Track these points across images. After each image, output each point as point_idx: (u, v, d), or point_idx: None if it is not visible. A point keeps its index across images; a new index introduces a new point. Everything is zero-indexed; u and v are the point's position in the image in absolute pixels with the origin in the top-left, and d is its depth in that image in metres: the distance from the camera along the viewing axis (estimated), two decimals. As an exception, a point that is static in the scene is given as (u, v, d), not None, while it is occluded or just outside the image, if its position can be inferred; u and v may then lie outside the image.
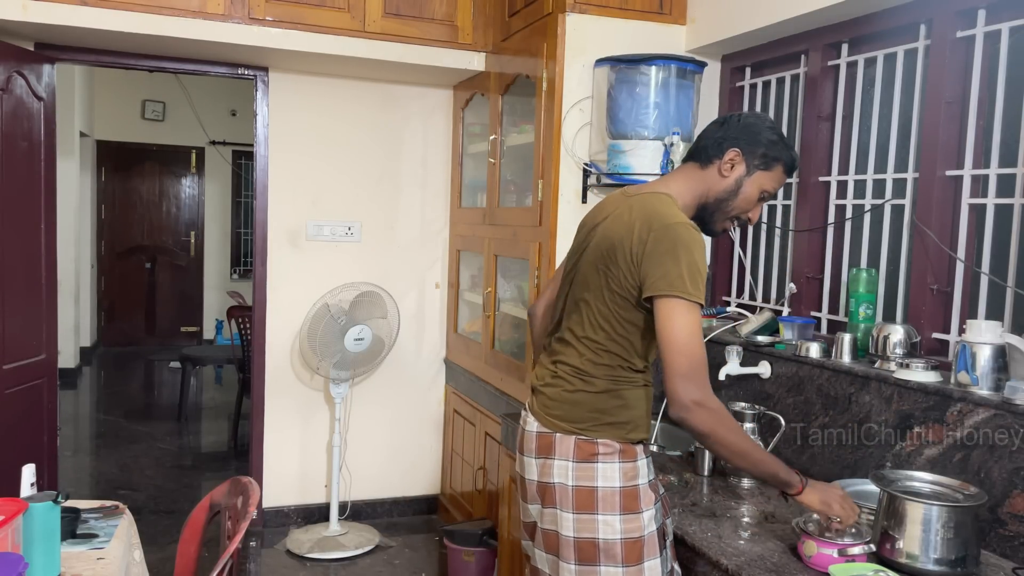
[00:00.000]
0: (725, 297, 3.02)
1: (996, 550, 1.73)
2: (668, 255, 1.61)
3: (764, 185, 1.78)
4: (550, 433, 1.75)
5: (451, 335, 4.04)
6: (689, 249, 1.62)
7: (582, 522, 1.69)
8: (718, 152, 1.77)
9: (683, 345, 1.60)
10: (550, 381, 1.79)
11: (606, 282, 1.72)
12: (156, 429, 5.69)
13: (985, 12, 2.07)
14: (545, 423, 1.76)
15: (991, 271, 2.07)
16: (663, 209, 1.69)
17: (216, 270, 9.03)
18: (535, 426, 1.79)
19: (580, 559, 1.69)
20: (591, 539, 1.68)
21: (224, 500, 2.16)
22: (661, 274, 1.61)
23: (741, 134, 1.76)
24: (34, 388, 3.35)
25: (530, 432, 1.80)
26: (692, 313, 1.61)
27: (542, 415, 1.77)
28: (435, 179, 4.06)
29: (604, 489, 1.70)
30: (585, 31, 2.80)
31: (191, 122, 8.43)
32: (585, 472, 1.70)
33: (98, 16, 3.03)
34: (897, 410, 2.01)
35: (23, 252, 3.26)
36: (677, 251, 1.61)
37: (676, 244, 1.62)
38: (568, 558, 1.70)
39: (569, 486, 1.71)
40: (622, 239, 1.69)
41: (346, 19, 3.36)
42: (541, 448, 1.76)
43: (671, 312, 1.61)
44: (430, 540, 3.85)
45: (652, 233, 1.64)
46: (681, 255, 1.61)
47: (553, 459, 1.73)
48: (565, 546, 1.71)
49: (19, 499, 1.68)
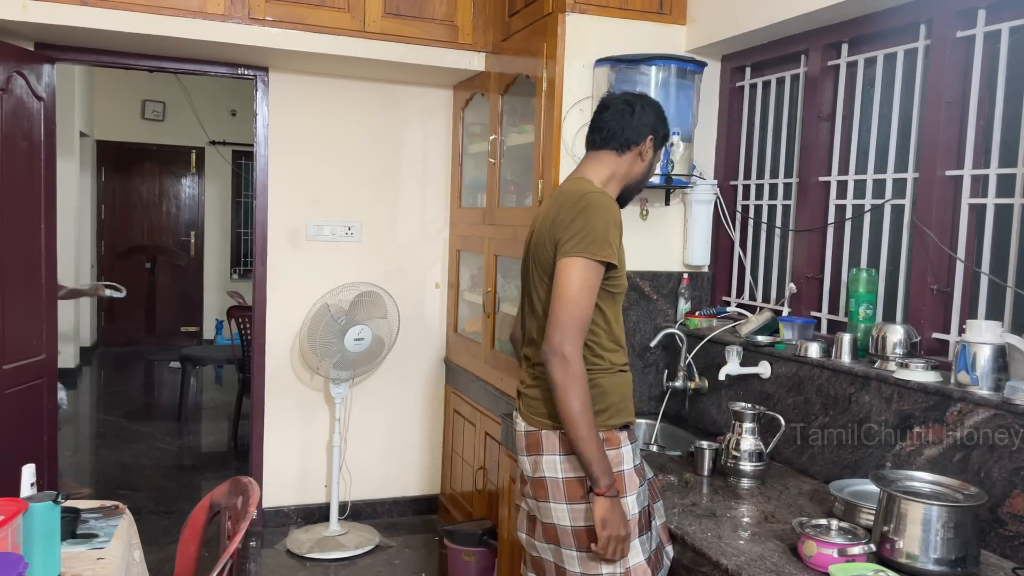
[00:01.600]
0: (725, 297, 3.02)
1: (996, 550, 1.73)
2: (576, 221, 1.72)
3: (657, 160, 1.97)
4: (536, 431, 1.83)
5: (451, 335, 4.04)
6: (596, 212, 1.72)
7: (576, 512, 1.76)
8: (637, 138, 1.88)
9: (570, 298, 1.69)
10: (530, 383, 1.87)
11: (543, 275, 1.81)
12: (156, 429, 5.69)
13: (985, 12, 2.07)
14: (531, 422, 1.84)
15: (991, 271, 2.06)
16: (580, 186, 1.81)
17: (216, 270, 9.03)
18: (523, 426, 1.87)
19: (579, 546, 1.76)
20: (587, 527, 1.74)
21: (224, 500, 2.16)
22: (568, 237, 1.71)
23: (654, 119, 1.90)
24: (34, 388, 3.35)
25: (519, 432, 1.88)
26: (589, 271, 1.70)
27: (527, 415, 1.86)
28: (435, 179, 4.06)
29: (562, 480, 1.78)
30: (585, 31, 2.80)
31: (191, 122, 8.43)
32: (573, 464, 1.76)
33: (98, 16, 3.03)
34: (897, 410, 2.01)
35: (23, 252, 3.26)
36: (585, 215, 1.72)
37: (584, 210, 1.73)
38: (569, 545, 1.77)
39: (560, 479, 1.77)
40: (545, 229, 1.80)
41: (346, 19, 3.36)
42: (530, 446, 1.84)
43: (568, 268, 1.70)
44: (430, 540, 3.85)
45: (564, 208, 1.76)
46: (590, 218, 1.71)
47: (542, 455, 1.81)
48: (564, 535, 1.77)
49: (19, 499, 1.68)
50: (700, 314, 2.85)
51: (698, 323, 2.80)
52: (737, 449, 2.20)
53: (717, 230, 2.98)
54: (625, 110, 1.88)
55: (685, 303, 2.92)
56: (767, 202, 2.84)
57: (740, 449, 2.20)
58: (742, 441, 2.23)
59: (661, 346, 2.85)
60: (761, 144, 2.88)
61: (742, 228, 2.95)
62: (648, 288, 2.93)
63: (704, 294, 3.04)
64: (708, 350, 2.68)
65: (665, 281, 2.96)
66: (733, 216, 2.96)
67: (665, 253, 2.99)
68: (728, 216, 2.96)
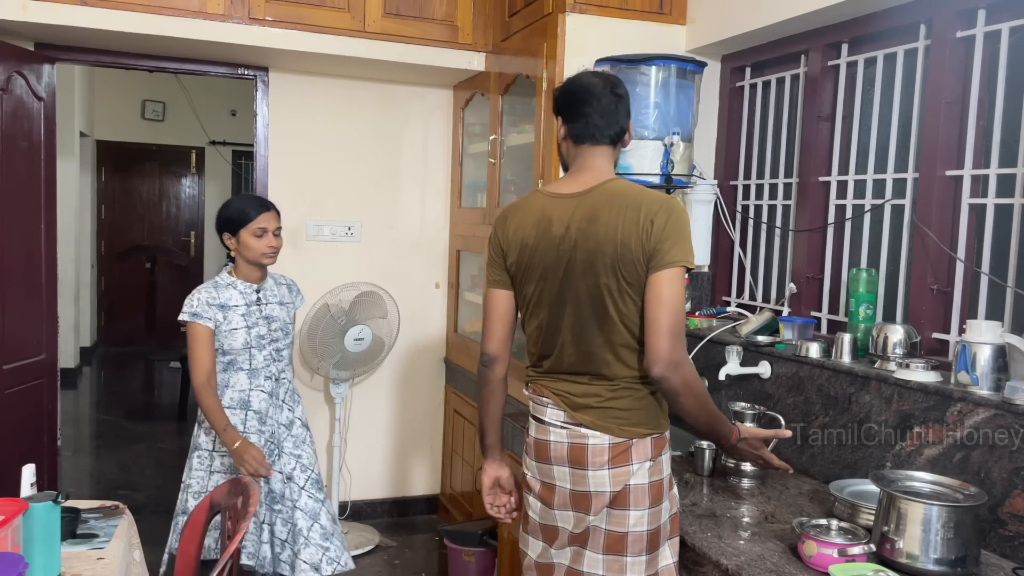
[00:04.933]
0: (725, 297, 3.02)
1: (996, 550, 1.73)
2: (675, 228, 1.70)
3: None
4: (626, 441, 1.75)
5: (451, 335, 4.04)
6: (684, 217, 1.74)
7: (653, 514, 1.76)
8: (624, 131, 1.86)
9: (677, 307, 1.69)
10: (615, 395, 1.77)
11: (623, 284, 1.73)
12: (156, 429, 5.69)
13: (985, 12, 2.07)
14: (620, 433, 1.75)
15: (991, 271, 2.07)
16: (642, 191, 1.79)
17: (216, 270, 9.01)
18: (607, 439, 1.75)
19: (650, 548, 1.75)
20: (659, 526, 1.76)
21: (224, 500, 2.16)
22: (670, 246, 1.69)
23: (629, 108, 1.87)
24: (34, 388, 3.35)
25: (600, 446, 1.76)
26: (683, 280, 1.73)
27: (615, 427, 1.75)
28: (435, 179, 4.06)
29: (668, 477, 1.81)
30: (585, 31, 2.80)
31: (191, 122, 8.42)
32: (658, 467, 1.78)
33: (98, 16, 3.03)
34: (897, 410, 2.01)
35: (23, 252, 3.26)
36: (680, 221, 1.72)
37: (679, 216, 1.72)
38: (639, 552, 1.74)
39: (645, 484, 1.75)
40: (628, 233, 1.71)
41: (346, 19, 3.36)
42: (616, 458, 1.75)
43: (675, 276, 1.69)
44: (430, 540, 3.85)
45: (661, 213, 1.71)
46: (684, 224, 1.73)
47: (631, 464, 1.75)
48: (635, 542, 1.74)
49: (19, 499, 1.68)
50: (700, 314, 2.85)
51: (698, 323, 2.80)
52: (737, 449, 2.20)
53: (717, 230, 2.98)
54: (613, 103, 1.82)
55: (685, 303, 2.92)
56: (767, 202, 2.84)
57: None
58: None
59: (661, 346, 2.85)
60: (761, 144, 2.88)
61: (742, 228, 2.95)
62: (648, 288, 2.92)
63: (704, 294, 3.04)
64: (708, 350, 2.68)
65: (665, 281, 2.95)
66: (733, 216, 2.96)
67: (665, 253, 2.98)
68: (728, 216, 2.96)
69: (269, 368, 2.67)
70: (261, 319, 2.65)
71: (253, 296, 2.67)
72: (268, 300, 2.70)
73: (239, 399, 2.62)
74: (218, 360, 2.61)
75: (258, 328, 2.64)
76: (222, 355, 2.61)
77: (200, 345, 2.55)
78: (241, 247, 2.62)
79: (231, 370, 2.63)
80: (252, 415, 2.64)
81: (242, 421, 2.62)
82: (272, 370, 2.68)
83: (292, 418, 2.76)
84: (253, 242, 2.60)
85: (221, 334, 2.58)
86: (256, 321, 2.64)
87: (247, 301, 2.64)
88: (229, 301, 2.61)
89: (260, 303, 2.67)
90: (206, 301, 2.58)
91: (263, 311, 2.67)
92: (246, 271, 2.67)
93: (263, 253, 2.61)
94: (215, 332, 2.58)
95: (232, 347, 2.59)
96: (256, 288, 2.68)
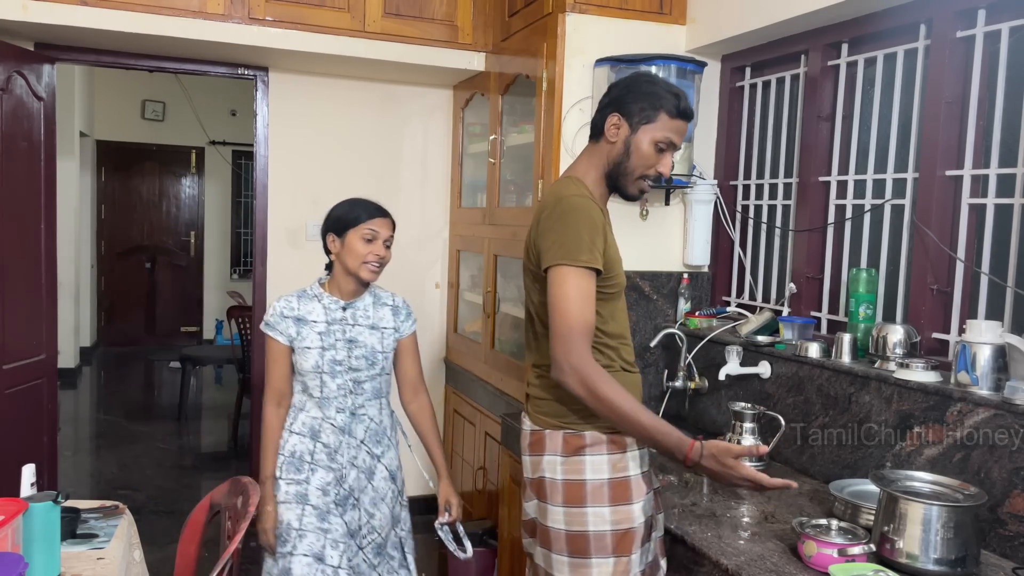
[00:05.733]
0: (725, 297, 3.02)
1: (996, 550, 1.73)
2: (556, 226, 1.69)
3: (655, 136, 1.76)
4: (540, 430, 1.80)
5: (451, 335, 4.04)
6: (570, 217, 1.69)
7: (571, 515, 1.72)
8: (602, 121, 1.81)
9: (564, 309, 1.66)
10: (533, 382, 1.86)
11: (533, 281, 1.80)
12: (156, 429, 5.69)
13: (985, 12, 2.07)
14: (536, 421, 1.82)
15: (991, 271, 2.07)
16: (558, 189, 1.78)
17: (216, 270, 9.03)
18: (528, 425, 1.85)
19: (572, 551, 1.72)
20: (582, 532, 1.71)
21: (224, 500, 2.16)
22: (548, 246, 1.69)
23: (615, 98, 1.80)
24: (34, 388, 3.35)
25: (524, 431, 1.86)
26: (577, 278, 1.67)
27: (532, 414, 1.83)
28: (435, 179, 4.06)
29: (593, 482, 1.72)
30: (585, 31, 2.80)
31: (191, 122, 8.43)
32: (574, 466, 1.73)
33: (98, 16, 3.03)
34: (897, 410, 2.01)
35: (23, 252, 3.26)
36: (562, 221, 1.69)
37: (562, 215, 1.70)
38: (561, 551, 1.73)
39: (559, 480, 1.74)
40: (531, 235, 1.79)
41: (346, 19, 3.36)
42: (533, 445, 1.82)
43: (555, 278, 1.68)
44: (430, 540, 3.84)
45: (542, 214, 1.74)
46: (567, 223, 1.68)
47: (543, 455, 1.78)
48: (556, 539, 1.73)
49: (19, 499, 1.68)
50: (700, 314, 2.85)
51: (698, 323, 2.80)
52: (737, 449, 2.20)
53: (717, 230, 2.98)
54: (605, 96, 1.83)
55: (685, 303, 2.93)
56: (767, 202, 2.84)
57: (740, 449, 2.19)
58: (742, 441, 2.23)
59: (661, 346, 2.85)
60: (761, 144, 2.88)
61: (742, 228, 2.95)
62: (648, 288, 2.93)
63: (704, 294, 3.04)
64: (708, 350, 2.68)
65: (665, 281, 2.96)
66: (733, 216, 2.96)
67: (665, 253, 2.99)
68: (728, 216, 2.96)
69: (343, 400, 2.28)
70: (341, 342, 2.27)
71: (337, 313, 2.29)
72: (356, 321, 2.30)
73: (310, 426, 2.28)
74: (295, 379, 2.32)
75: (334, 352, 2.25)
76: (298, 374, 2.30)
77: (269, 360, 2.28)
78: (344, 251, 2.25)
79: (305, 393, 2.30)
80: (321, 448, 2.27)
81: (310, 451, 2.27)
82: (346, 403, 2.28)
83: (374, 466, 2.34)
84: (359, 246, 2.23)
85: (296, 351, 2.27)
86: (334, 343, 2.26)
87: (329, 318, 2.28)
88: (308, 315, 2.27)
89: (344, 323, 2.29)
90: (281, 311, 2.28)
91: (346, 333, 2.28)
92: (341, 282, 2.30)
93: (365, 261, 2.24)
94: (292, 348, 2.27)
95: (302, 368, 2.26)
96: (343, 305, 2.31)
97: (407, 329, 2.41)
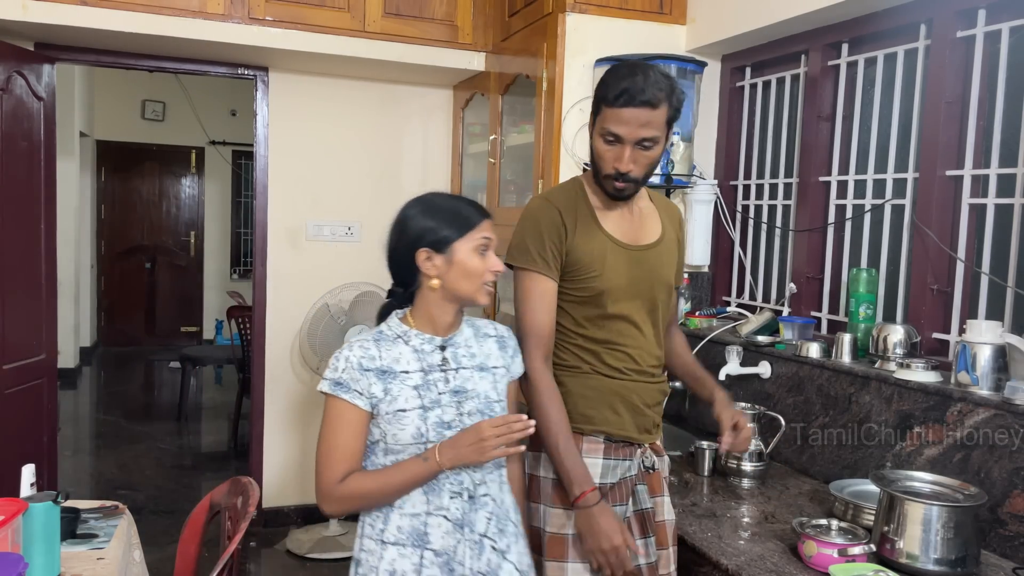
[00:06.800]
0: (725, 297, 3.02)
1: (996, 550, 1.73)
2: (517, 230, 1.74)
3: (601, 130, 1.66)
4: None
5: (451, 335, 4.03)
6: (522, 222, 1.74)
7: (530, 509, 1.74)
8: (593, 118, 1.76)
9: (517, 311, 1.72)
10: None
11: None
12: (156, 429, 5.69)
13: (985, 12, 2.07)
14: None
15: (991, 271, 2.07)
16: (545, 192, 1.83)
17: (216, 270, 9.03)
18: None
19: (549, 555, 1.72)
20: (537, 529, 1.73)
21: (224, 500, 2.16)
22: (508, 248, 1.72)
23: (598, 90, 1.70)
24: (34, 388, 3.35)
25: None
26: (525, 280, 1.72)
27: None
28: (435, 179, 4.05)
29: (543, 479, 1.74)
30: (585, 31, 2.80)
31: (191, 122, 8.43)
32: (534, 460, 1.75)
33: (98, 16, 3.03)
34: (897, 410, 2.01)
35: (23, 252, 3.26)
36: (519, 224, 1.74)
37: (520, 219, 1.75)
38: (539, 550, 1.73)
39: (527, 471, 1.76)
40: None
41: (346, 19, 3.36)
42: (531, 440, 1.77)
43: (513, 279, 1.74)
44: None
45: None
46: (519, 227, 1.73)
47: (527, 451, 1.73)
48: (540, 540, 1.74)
49: (19, 499, 1.68)
50: (700, 314, 2.85)
51: (698, 323, 2.80)
52: (737, 449, 2.20)
53: (717, 230, 2.98)
54: None
55: (685, 303, 2.92)
56: (767, 202, 2.84)
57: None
58: (742, 441, 2.22)
59: (661, 346, 2.85)
60: (761, 144, 2.88)
61: (742, 228, 2.95)
62: (648, 288, 2.92)
63: (704, 294, 3.04)
64: (708, 350, 2.68)
65: (665, 281, 2.95)
66: (733, 216, 2.96)
67: (665, 253, 2.98)
68: (728, 216, 2.96)
69: (459, 479, 1.54)
70: (447, 395, 1.55)
71: (435, 356, 1.58)
72: (460, 363, 1.60)
73: (410, 530, 1.54)
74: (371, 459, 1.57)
75: (439, 411, 1.54)
76: (382, 454, 1.55)
77: (337, 430, 1.53)
78: (452, 273, 1.55)
79: None
80: (431, 559, 1.52)
81: (416, 569, 1.53)
82: (465, 483, 1.54)
83: (499, 563, 1.56)
84: (476, 263, 1.55)
85: (380, 418, 1.53)
86: (437, 398, 1.54)
87: (424, 365, 1.56)
88: (396, 364, 1.55)
89: (446, 367, 1.58)
90: (359, 363, 1.53)
91: (450, 381, 1.57)
92: (435, 312, 1.59)
93: (485, 282, 1.57)
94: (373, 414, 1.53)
95: (397, 441, 1.52)
96: (440, 343, 1.60)
97: (517, 368, 1.69)
